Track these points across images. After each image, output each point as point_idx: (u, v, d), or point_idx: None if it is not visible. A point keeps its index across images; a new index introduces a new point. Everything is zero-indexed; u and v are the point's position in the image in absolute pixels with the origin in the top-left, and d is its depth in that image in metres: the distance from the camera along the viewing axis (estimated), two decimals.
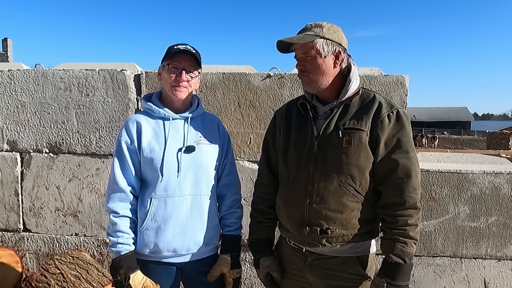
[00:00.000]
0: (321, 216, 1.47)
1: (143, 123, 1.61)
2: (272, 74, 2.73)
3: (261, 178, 1.73)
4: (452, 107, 63.83)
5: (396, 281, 1.40)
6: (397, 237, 1.42)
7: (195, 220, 1.61)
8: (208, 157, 1.65)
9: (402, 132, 1.44)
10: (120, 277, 1.52)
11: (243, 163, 2.77)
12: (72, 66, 2.91)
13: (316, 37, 1.44)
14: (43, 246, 2.96)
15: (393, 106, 1.47)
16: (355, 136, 1.43)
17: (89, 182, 2.88)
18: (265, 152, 1.72)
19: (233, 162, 1.79)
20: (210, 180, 1.65)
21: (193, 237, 1.61)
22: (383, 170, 1.45)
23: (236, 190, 1.76)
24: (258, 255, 1.69)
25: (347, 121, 1.46)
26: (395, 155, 1.43)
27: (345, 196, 1.45)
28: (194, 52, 1.59)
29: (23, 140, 2.90)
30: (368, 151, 1.44)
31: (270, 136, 1.71)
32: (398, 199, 1.43)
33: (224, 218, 1.72)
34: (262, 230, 1.70)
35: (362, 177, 1.45)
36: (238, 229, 1.74)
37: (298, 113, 1.60)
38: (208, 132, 1.69)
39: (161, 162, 1.56)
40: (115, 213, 1.56)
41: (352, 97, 1.49)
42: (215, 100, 2.77)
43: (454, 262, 2.65)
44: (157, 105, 1.64)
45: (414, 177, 1.43)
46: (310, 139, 1.51)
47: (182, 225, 1.59)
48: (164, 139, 1.59)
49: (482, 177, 2.57)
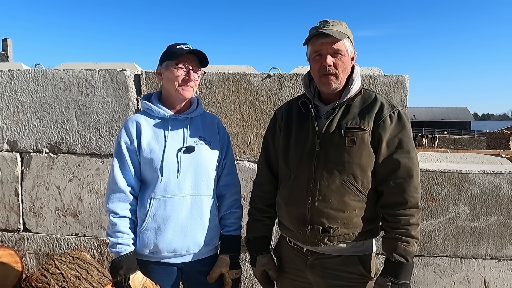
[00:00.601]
0: (323, 215, 1.47)
1: (142, 123, 1.61)
2: (272, 74, 2.73)
3: (261, 177, 1.72)
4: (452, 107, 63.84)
5: (400, 280, 1.42)
6: (400, 236, 1.43)
7: (195, 220, 1.60)
8: (208, 157, 1.64)
9: (403, 132, 1.46)
10: (120, 278, 1.52)
11: (243, 163, 2.77)
12: (72, 66, 2.91)
13: (346, 36, 1.45)
14: (43, 246, 2.96)
15: (394, 106, 1.49)
16: (358, 136, 1.44)
17: (89, 182, 2.88)
18: (265, 150, 1.72)
19: (233, 162, 1.78)
20: (210, 180, 1.65)
21: (193, 238, 1.60)
22: (385, 170, 1.46)
23: (236, 190, 1.76)
24: (255, 252, 1.69)
25: (349, 121, 1.46)
26: (397, 155, 1.44)
27: (347, 195, 1.46)
28: (202, 52, 1.59)
29: (23, 140, 2.90)
30: (370, 150, 1.45)
31: (270, 135, 1.70)
32: (400, 198, 1.44)
33: (223, 218, 1.71)
34: (260, 228, 1.71)
35: (364, 176, 1.46)
36: (237, 230, 1.72)
37: (299, 112, 1.60)
38: (208, 132, 1.69)
39: (160, 163, 1.56)
40: (115, 213, 1.56)
41: (354, 97, 1.50)
42: (215, 100, 2.77)
43: (454, 262, 2.65)
44: (156, 105, 1.63)
45: (415, 177, 1.45)
46: (312, 137, 1.50)
47: (182, 225, 1.58)
48: (164, 140, 1.59)
49: (482, 177, 2.57)
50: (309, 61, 1.53)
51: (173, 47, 1.59)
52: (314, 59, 1.48)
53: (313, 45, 1.47)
